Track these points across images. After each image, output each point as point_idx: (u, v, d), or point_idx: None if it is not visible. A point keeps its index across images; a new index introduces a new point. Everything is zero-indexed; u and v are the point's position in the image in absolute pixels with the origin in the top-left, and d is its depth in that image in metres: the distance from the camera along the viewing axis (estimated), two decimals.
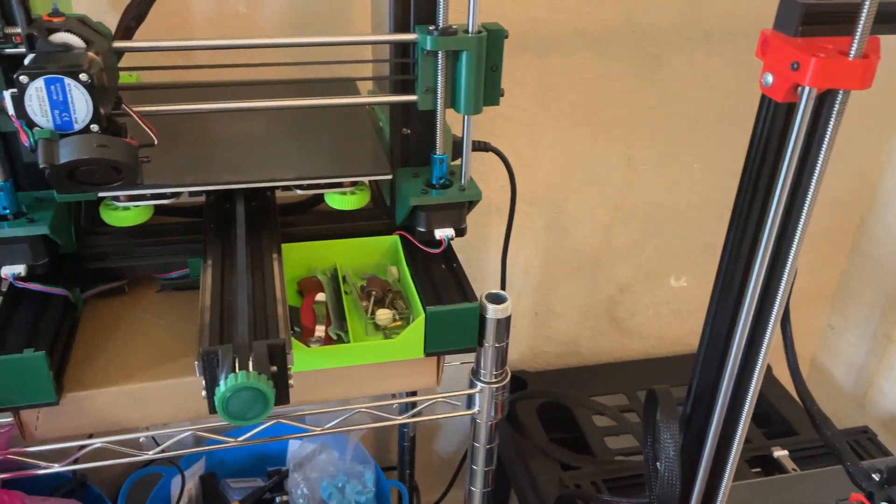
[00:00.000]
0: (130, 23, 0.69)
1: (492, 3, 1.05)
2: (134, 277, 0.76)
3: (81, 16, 0.61)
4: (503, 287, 0.97)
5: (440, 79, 0.70)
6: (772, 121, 0.57)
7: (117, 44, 0.63)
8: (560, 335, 1.42)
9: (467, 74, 0.69)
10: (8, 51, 0.60)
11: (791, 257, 0.60)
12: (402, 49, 0.72)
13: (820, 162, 0.54)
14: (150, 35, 0.70)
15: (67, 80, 0.53)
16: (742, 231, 0.64)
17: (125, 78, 0.95)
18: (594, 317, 1.42)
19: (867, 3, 0.49)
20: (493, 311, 0.69)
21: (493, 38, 0.70)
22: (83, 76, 0.54)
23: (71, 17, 0.59)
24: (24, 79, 0.53)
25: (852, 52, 0.50)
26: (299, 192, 0.75)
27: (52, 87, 0.53)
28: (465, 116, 0.72)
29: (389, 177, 0.75)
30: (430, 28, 0.68)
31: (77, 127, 0.55)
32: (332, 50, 1.05)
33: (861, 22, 0.49)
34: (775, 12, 0.56)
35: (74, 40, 0.57)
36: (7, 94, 0.54)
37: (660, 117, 1.23)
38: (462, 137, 0.74)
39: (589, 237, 1.33)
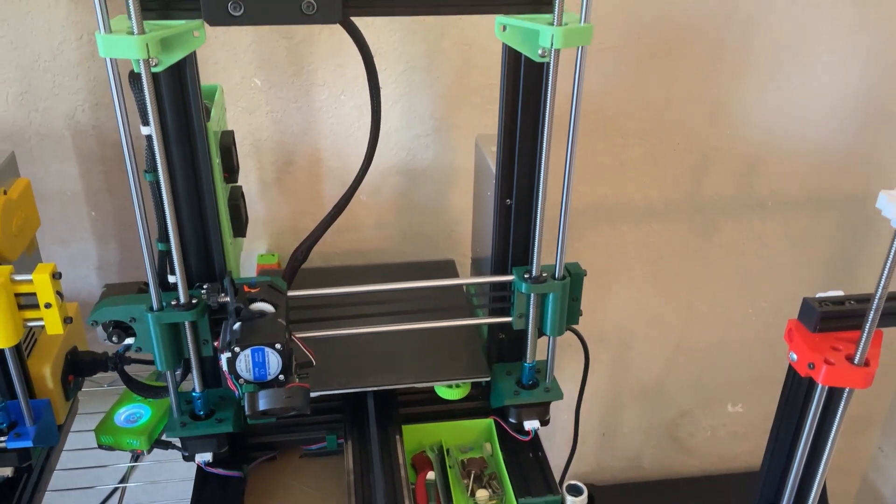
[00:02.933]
0: (296, 264, 0.90)
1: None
2: (284, 448, 0.96)
3: (269, 280, 0.82)
4: (576, 434, 1.14)
5: (532, 309, 0.88)
6: (797, 385, 0.73)
7: (292, 293, 0.84)
8: (625, 452, 1.57)
9: (553, 308, 0.87)
10: (214, 305, 0.81)
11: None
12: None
13: (833, 432, 0.70)
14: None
15: (267, 350, 0.74)
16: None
17: (268, 258, 1.17)
18: (657, 437, 1.56)
19: (869, 319, 0.65)
20: (571, 502, 0.86)
21: (575, 280, 0.88)
22: (278, 345, 0.74)
23: (263, 285, 0.80)
24: (237, 349, 0.74)
25: (856, 359, 0.66)
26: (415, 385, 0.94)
27: (256, 354, 0.74)
28: (550, 338, 0.90)
29: (488, 378, 0.93)
30: (525, 275, 0.86)
31: (269, 377, 0.75)
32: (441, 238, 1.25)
33: (863, 341, 0.65)
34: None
35: (267, 307, 0.78)
36: (223, 357, 0.74)
37: (717, 272, 1.38)
38: (548, 349, 0.92)
39: (652, 369, 1.48)
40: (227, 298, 0.79)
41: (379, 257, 1.27)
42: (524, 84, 0.81)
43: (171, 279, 0.82)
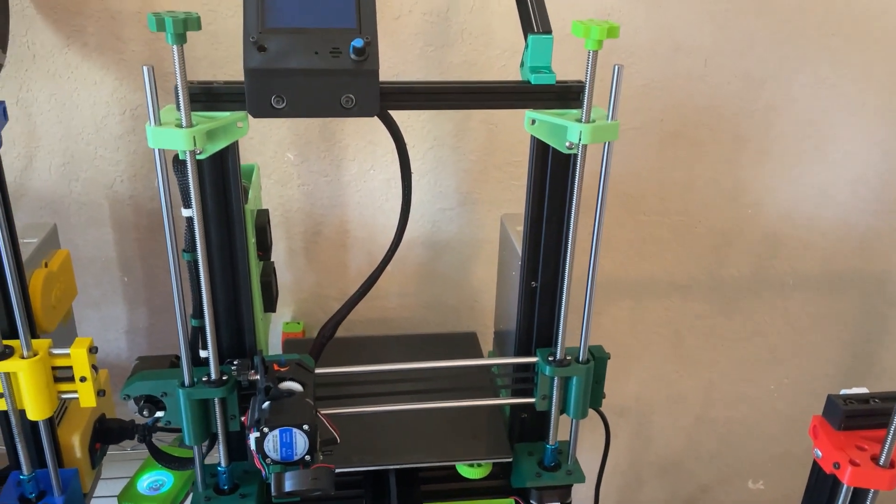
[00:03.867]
0: (323, 340, 0.92)
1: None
2: None
3: (298, 358, 0.83)
4: None
5: (555, 392, 0.89)
6: (822, 481, 0.73)
7: (319, 370, 0.85)
8: None
9: (577, 391, 0.88)
10: (244, 383, 0.82)
11: None
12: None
13: None
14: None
15: (295, 431, 0.75)
16: None
17: (293, 326, 1.19)
18: None
19: (895, 421, 0.65)
20: None
21: (599, 363, 0.89)
22: (306, 427, 0.75)
23: (291, 363, 0.82)
24: (266, 430, 0.75)
25: (882, 460, 0.66)
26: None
27: (284, 434, 0.75)
28: (573, 420, 0.90)
29: (510, 459, 0.93)
30: (549, 358, 0.87)
31: (296, 457, 0.76)
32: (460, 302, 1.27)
33: (888, 442, 0.65)
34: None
35: (295, 386, 0.80)
36: (252, 437, 0.75)
37: (739, 348, 1.38)
38: (570, 431, 0.92)
39: (673, 444, 1.47)
40: (257, 376, 0.80)
41: (401, 325, 1.28)
42: (551, 172, 0.83)
43: (202, 353, 0.84)
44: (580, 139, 0.76)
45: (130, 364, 1.23)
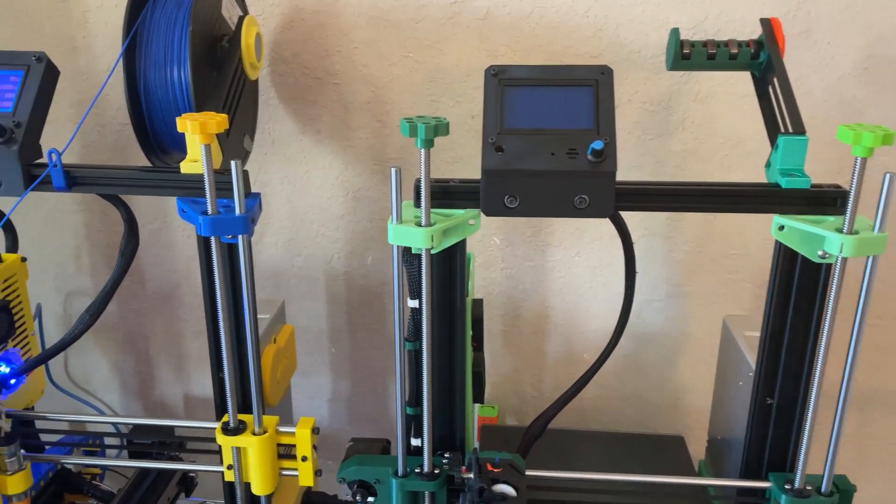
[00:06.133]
0: (531, 438, 0.89)
1: None
2: None
3: (510, 458, 0.81)
4: None
5: None
6: None
7: (529, 473, 0.82)
8: None
9: None
10: (457, 479, 0.81)
11: None
12: None
13: None
14: None
15: None
16: None
17: (488, 410, 1.17)
18: None
19: None
20: None
21: (844, 497, 0.78)
22: None
23: (505, 465, 0.80)
24: None
25: None
26: None
27: None
28: None
29: None
30: (786, 486, 0.78)
31: None
32: None
33: None
34: None
35: (509, 491, 0.77)
36: None
37: None
38: None
39: None
40: (470, 474, 0.79)
41: (598, 418, 1.23)
42: (798, 282, 0.76)
43: (414, 442, 0.84)
44: (841, 251, 0.68)
45: (331, 432, 1.28)
